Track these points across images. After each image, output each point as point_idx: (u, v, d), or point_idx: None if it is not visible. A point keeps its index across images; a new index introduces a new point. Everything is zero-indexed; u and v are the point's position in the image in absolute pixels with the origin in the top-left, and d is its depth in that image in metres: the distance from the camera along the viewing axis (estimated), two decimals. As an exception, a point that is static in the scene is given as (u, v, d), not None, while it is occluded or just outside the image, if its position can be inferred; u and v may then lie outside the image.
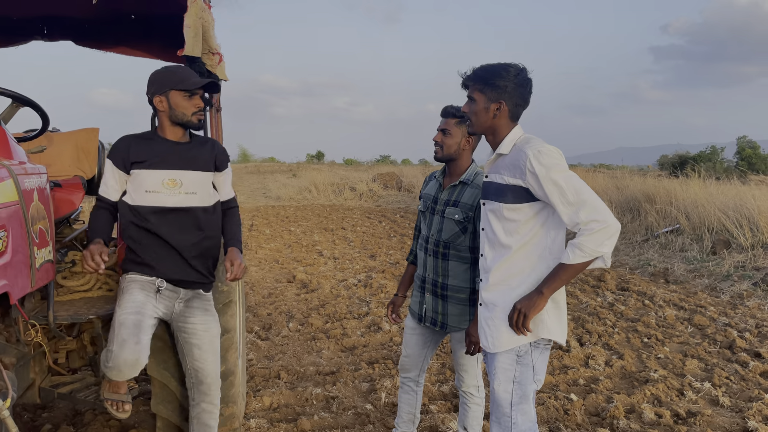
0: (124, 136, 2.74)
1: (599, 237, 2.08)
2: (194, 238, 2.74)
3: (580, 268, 2.15)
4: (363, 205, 19.54)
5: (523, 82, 2.27)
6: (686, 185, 11.22)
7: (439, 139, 2.97)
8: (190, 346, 2.80)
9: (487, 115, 2.30)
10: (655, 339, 5.69)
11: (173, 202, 2.68)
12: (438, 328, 3.05)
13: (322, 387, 4.48)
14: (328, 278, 8.24)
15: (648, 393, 4.34)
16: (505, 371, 2.31)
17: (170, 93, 2.64)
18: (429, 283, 3.04)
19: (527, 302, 2.21)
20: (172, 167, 2.68)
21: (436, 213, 3.01)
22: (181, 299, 2.77)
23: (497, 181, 2.32)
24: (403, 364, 3.27)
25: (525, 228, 2.26)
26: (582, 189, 2.12)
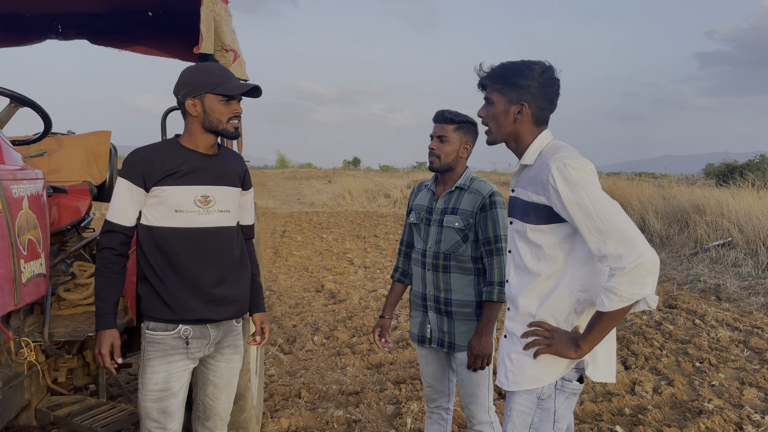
0: (139, 149, 2.32)
1: (634, 277, 1.69)
2: (231, 262, 2.41)
3: (620, 315, 1.76)
4: (397, 212, 19.26)
5: (549, 82, 1.95)
6: (738, 196, 10.59)
7: (436, 147, 2.70)
8: (205, 381, 2.51)
9: (508, 120, 1.97)
10: (708, 363, 5.23)
11: (207, 221, 2.32)
12: (445, 348, 2.76)
13: (344, 409, 4.19)
14: (357, 288, 7.97)
15: (702, 426, 3.91)
16: (521, 415, 1.98)
17: (206, 96, 2.25)
18: (431, 300, 2.77)
19: (560, 348, 1.86)
20: (204, 182, 2.32)
21: (432, 223, 2.76)
22: (211, 344, 2.42)
23: (521, 197, 1.99)
24: (428, 395, 2.96)
25: (552, 253, 1.91)
26: (612, 213, 1.75)
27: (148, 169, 2.25)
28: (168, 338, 2.32)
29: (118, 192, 2.27)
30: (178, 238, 2.29)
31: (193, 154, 2.32)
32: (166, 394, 2.31)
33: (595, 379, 1.92)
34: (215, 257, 2.36)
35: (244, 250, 2.51)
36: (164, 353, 2.31)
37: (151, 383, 2.30)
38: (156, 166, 2.25)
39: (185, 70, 2.34)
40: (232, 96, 2.28)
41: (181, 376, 2.35)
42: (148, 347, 2.32)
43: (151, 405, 2.31)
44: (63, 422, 2.76)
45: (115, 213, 2.27)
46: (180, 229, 2.29)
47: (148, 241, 2.32)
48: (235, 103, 2.31)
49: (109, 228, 2.28)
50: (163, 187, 2.25)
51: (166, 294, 2.30)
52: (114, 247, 2.29)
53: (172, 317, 2.31)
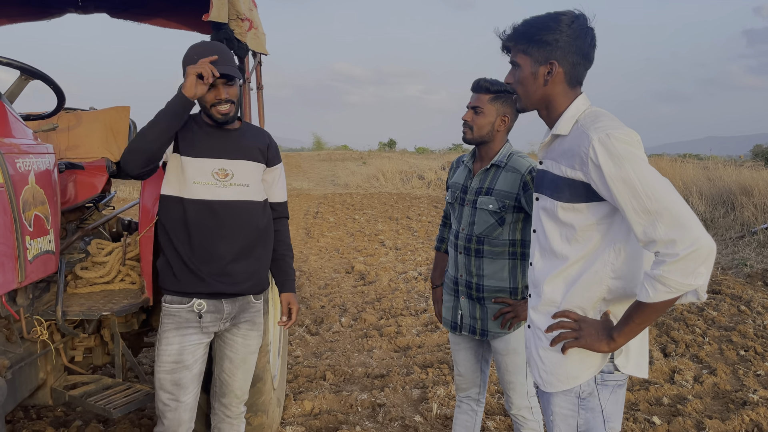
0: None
1: (687, 265, 1.48)
2: (250, 236, 2.37)
3: (663, 307, 1.55)
4: (431, 194, 19.04)
5: (581, 33, 1.70)
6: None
7: (470, 119, 2.51)
8: (222, 355, 2.50)
9: (537, 83, 1.74)
10: (753, 352, 4.95)
11: (226, 194, 2.31)
12: (477, 336, 2.61)
13: (369, 392, 4.09)
14: (388, 270, 7.85)
15: (747, 419, 3.69)
16: (565, 418, 1.76)
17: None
18: (463, 285, 2.60)
19: (590, 341, 1.66)
20: (221, 156, 2.31)
21: (466, 204, 2.57)
22: (225, 318, 2.41)
23: (552, 170, 1.76)
24: (458, 384, 2.82)
25: (584, 235, 1.70)
26: (663, 192, 1.52)
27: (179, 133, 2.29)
28: (182, 311, 2.33)
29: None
30: (195, 209, 2.29)
31: (213, 128, 2.33)
32: (179, 366, 2.33)
33: (625, 371, 1.74)
34: (232, 231, 2.34)
35: (268, 227, 2.47)
36: (178, 326, 2.33)
37: (165, 355, 2.33)
38: (182, 131, 2.29)
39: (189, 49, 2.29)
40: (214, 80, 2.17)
41: (194, 350, 2.35)
42: (164, 319, 2.35)
43: (164, 376, 2.34)
44: (78, 402, 2.72)
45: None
46: (198, 200, 2.29)
47: (167, 211, 2.33)
48: (221, 87, 2.22)
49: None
50: (184, 157, 2.28)
51: (181, 267, 2.31)
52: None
53: (186, 290, 2.32)
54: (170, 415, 2.36)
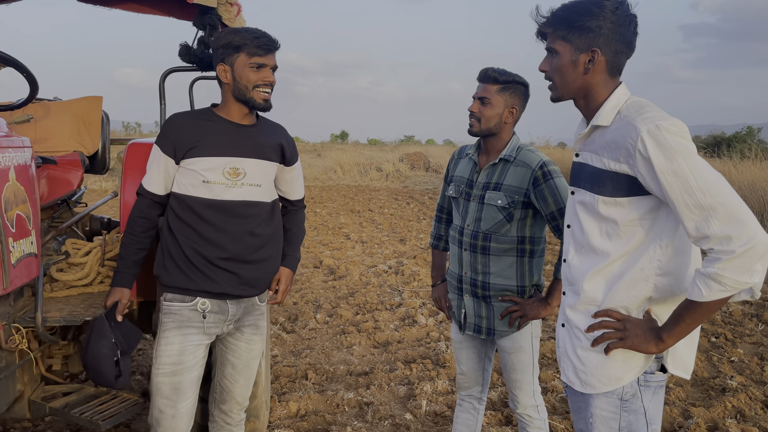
0: (177, 115, 2.26)
1: (743, 262, 1.42)
2: (259, 238, 2.27)
3: (716, 306, 1.49)
4: (390, 186, 19.00)
5: (625, 20, 1.63)
6: (741, 167, 10.44)
7: (476, 110, 2.42)
8: (224, 361, 2.38)
9: (576, 72, 1.67)
10: (724, 339, 5.09)
11: (235, 194, 2.20)
12: (483, 335, 2.53)
13: (355, 390, 3.99)
14: (357, 264, 7.75)
15: (729, 405, 3.77)
16: (606, 421, 1.69)
17: (236, 61, 2.14)
18: (467, 283, 2.51)
19: (637, 341, 1.60)
20: (234, 154, 2.19)
21: (472, 199, 2.48)
22: (229, 321, 2.29)
23: (593, 163, 1.69)
24: (460, 383, 2.75)
25: (627, 231, 1.64)
26: (718, 186, 1.46)
27: (179, 139, 2.18)
28: (185, 309, 2.21)
29: (151, 158, 2.24)
30: (204, 209, 2.18)
31: (226, 124, 2.22)
32: (179, 368, 2.20)
33: (672, 371, 1.68)
34: (241, 231, 2.23)
35: (278, 228, 2.36)
36: (180, 324, 2.21)
37: (165, 355, 2.20)
38: (186, 136, 2.17)
39: (219, 33, 2.22)
40: (261, 63, 2.14)
41: (195, 351, 2.23)
42: (164, 318, 2.23)
43: (163, 380, 2.21)
44: (60, 414, 2.53)
45: (146, 178, 2.25)
46: (207, 200, 2.18)
47: (175, 209, 2.22)
48: (266, 70, 2.16)
49: (139, 191, 2.27)
50: (192, 159, 2.16)
51: (187, 264, 2.20)
52: (140, 209, 2.26)
53: (191, 287, 2.20)
54: (166, 424, 2.22)
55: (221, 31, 2.21)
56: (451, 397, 3.89)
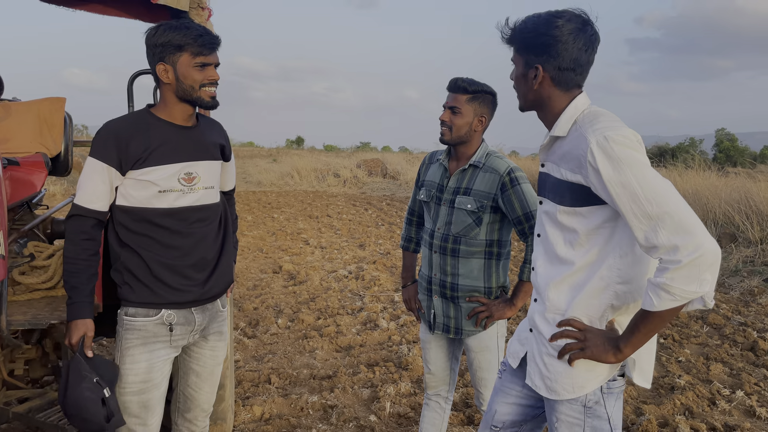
0: (110, 125, 2.06)
1: (691, 272, 1.44)
2: (216, 239, 2.22)
3: (670, 315, 1.52)
4: (347, 192, 19.02)
5: (575, 36, 1.65)
6: (685, 176, 10.90)
7: (447, 119, 2.51)
8: (187, 369, 2.32)
9: (527, 85, 1.73)
10: (672, 340, 5.32)
11: (192, 200, 2.12)
12: (452, 334, 2.62)
13: (319, 394, 4.02)
14: (317, 269, 7.76)
15: (678, 403, 3.95)
16: (570, 426, 1.74)
17: (178, 60, 2.02)
18: (437, 285, 2.60)
19: (596, 351, 1.65)
20: (186, 158, 2.09)
21: (443, 203, 2.57)
22: (196, 330, 2.22)
23: (554, 174, 1.74)
24: (428, 382, 2.82)
25: (588, 240, 1.67)
26: (665, 195, 1.49)
27: (124, 149, 2.02)
28: (149, 324, 2.11)
29: (89, 173, 2.03)
30: (160, 219, 2.08)
31: (170, 127, 2.10)
32: (147, 385, 2.12)
33: (637, 382, 1.73)
34: (200, 236, 2.17)
35: (228, 226, 2.33)
36: (145, 341, 2.11)
37: (131, 374, 2.10)
38: (132, 145, 2.02)
39: (154, 29, 2.06)
40: (205, 62, 2.04)
41: (162, 367, 2.16)
42: (126, 335, 2.11)
43: (130, 399, 2.11)
44: (23, 419, 2.48)
45: (85, 196, 2.03)
46: (164, 209, 2.08)
47: (125, 222, 2.09)
48: (211, 68, 2.08)
49: (78, 212, 2.04)
50: (143, 169, 2.03)
51: (146, 276, 2.09)
52: (84, 231, 2.04)
53: (155, 300, 2.10)
54: None
55: (156, 27, 2.06)
56: (415, 398, 3.96)
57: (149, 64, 2.09)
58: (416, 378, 4.31)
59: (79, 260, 2.03)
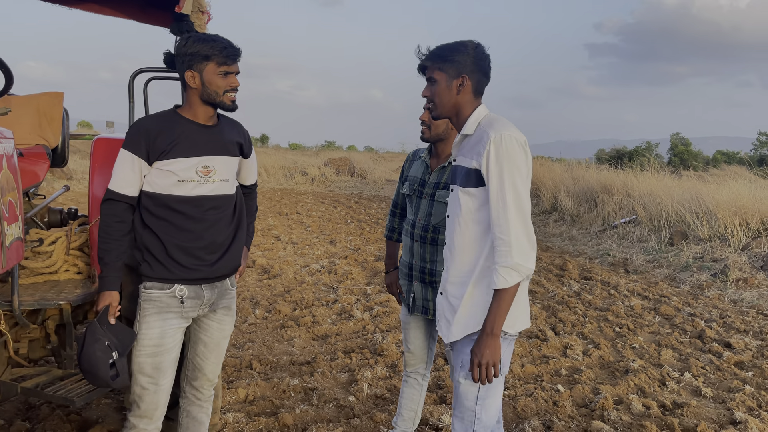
0: (141, 121, 2.38)
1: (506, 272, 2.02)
2: (228, 226, 2.49)
3: (513, 291, 2.05)
4: (315, 190, 19.18)
5: (482, 56, 2.18)
6: (641, 177, 11.44)
7: (427, 119, 2.79)
8: (196, 339, 2.58)
9: (451, 93, 2.17)
10: (626, 329, 5.70)
11: (208, 190, 2.40)
12: (430, 316, 2.88)
13: (299, 378, 4.24)
14: (290, 264, 7.95)
15: (631, 384, 4.30)
16: (467, 365, 2.18)
17: (205, 68, 2.30)
18: (417, 271, 2.86)
19: (488, 351, 2.06)
20: (205, 153, 2.38)
21: (424, 196, 2.84)
22: (205, 304, 2.50)
23: (463, 164, 2.19)
24: (408, 361, 3.07)
25: (478, 215, 2.14)
26: (515, 202, 2.02)
27: (151, 143, 2.32)
28: (164, 296, 2.39)
29: (120, 163, 2.34)
30: (180, 204, 2.37)
31: (193, 125, 2.39)
32: (160, 349, 2.39)
33: (518, 329, 2.20)
34: (212, 222, 2.44)
35: (241, 214, 2.59)
36: (159, 310, 2.39)
37: (146, 338, 2.38)
38: (159, 139, 2.32)
39: (184, 40, 2.35)
40: (228, 71, 2.33)
41: (174, 334, 2.43)
42: (144, 305, 2.40)
43: (145, 360, 2.39)
44: (32, 393, 2.65)
45: (118, 182, 2.35)
46: (182, 196, 2.36)
47: (148, 206, 2.38)
48: (233, 76, 2.37)
49: (111, 197, 2.35)
50: (167, 161, 2.32)
51: (162, 255, 2.37)
52: (116, 213, 2.35)
53: (169, 276, 2.38)
54: (148, 399, 2.40)
55: (186, 38, 2.35)
56: (390, 381, 4.21)
57: (178, 71, 2.36)
58: (391, 363, 4.57)
59: (111, 240, 2.33)
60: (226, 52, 2.32)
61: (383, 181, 21.30)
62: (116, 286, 2.35)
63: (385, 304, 6.12)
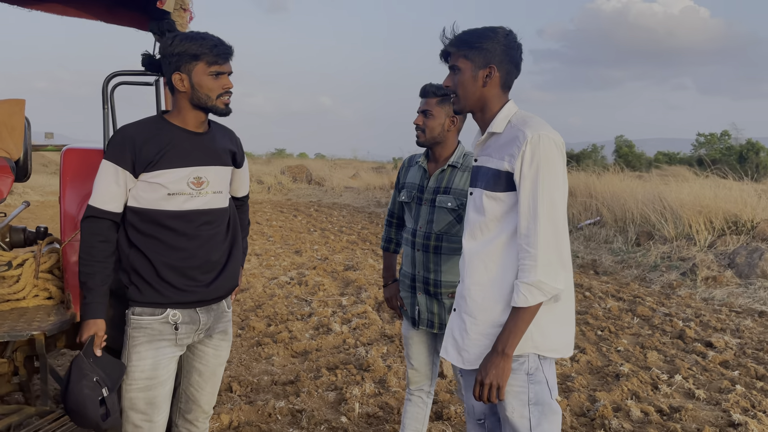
0: (125, 129, 2.13)
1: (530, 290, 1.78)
2: (223, 242, 2.25)
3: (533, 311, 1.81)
4: (273, 199, 18.80)
5: (514, 45, 1.94)
6: (603, 178, 11.59)
7: (421, 122, 2.66)
8: (190, 368, 2.34)
9: (476, 85, 1.93)
10: (608, 331, 5.67)
11: (200, 203, 2.17)
12: (436, 330, 2.72)
13: (285, 399, 4.00)
14: (257, 277, 7.66)
15: (626, 389, 4.23)
16: (516, 395, 1.91)
17: (194, 69, 2.08)
18: (420, 282, 2.70)
19: (494, 371, 1.84)
20: (196, 163, 2.15)
21: (423, 203, 2.69)
22: (200, 330, 2.26)
23: (487, 165, 1.96)
24: (411, 378, 2.89)
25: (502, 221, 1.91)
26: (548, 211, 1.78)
27: (137, 152, 2.08)
28: (155, 323, 2.16)
29: (103, 175, 2.10)
30: (169, 220, 2.13)
31: (183, 132, 2.16)
32: (153, 382, 2.16)
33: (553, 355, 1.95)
34: (206, 238, 2.21)
35: (236, 227, 2.36)
36: (151, 338, 2.15)
37: (138, 371, 2.14)
38: (145, 148, 2.08)
39: (170, 39, 2.11)
40: (220, 71, 2.11)
41: (168, 364, 2.20)
42: (133, 333, 2.15)
43: (137, 395, 2.15)
44: (3, 438, 2.35)
45: (99, 197, 2.10)
46: (172, 211, 2.13)
47: (135, 223, 2.14)
48: (225, 77, 2.15)
49: (93, 213, 2.10)
50: (155, 172, 2.09)
51: (152, 277, 2.14)
52: (99, 232, 2.10)
53: (160, 300, 2.15)
54: None
55: (172, 37, 2.12)
56: (381, 398, 4.02)
57: (164, 74, 2.12)
58: (378, 378, 4.38)
59: (95, 262, 2.08)
60: (217, 50, 2.09)
61: (342, 188, 21.05)
62: (102, 313, 2.10)
63: (363, 316, 5.92)
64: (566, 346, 1.95)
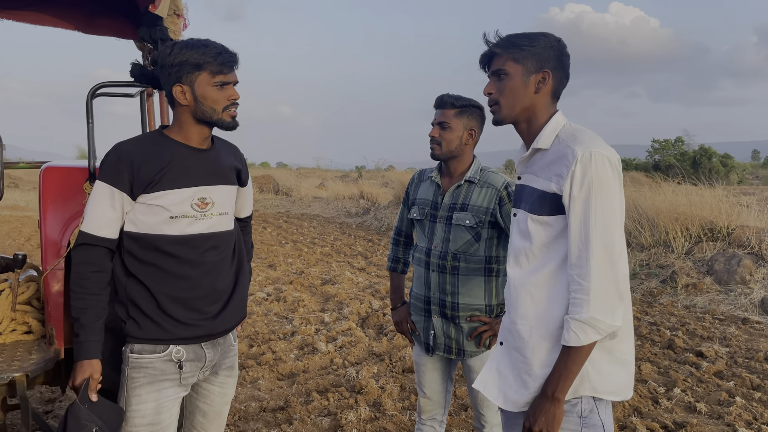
0: (121, 146, 1.93)
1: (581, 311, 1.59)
2: (229, 269, 2.06)
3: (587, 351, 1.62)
4: (239, 211, 18.41)
5: (566, 52, 1.78)
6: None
7: (437, 134, 2.50)
8: (194, 408, 2.14)
9: (527, 92, 1.74)
10: (598, 343, 5.59)
11: (204, 227, 1.97)
12: (453, 355, 2.57)
13: (277, 428, 3.78)
14: (233, 293, 7.38)
15: (626, 405, 4.14)
16: None
17: (197, 80, 1.89)
18: (436, 305, 2.54)
19: (543, 419, 1.66)
20: (200, 182, 1.96)
21: (438, 220, 2.53)
22: (206, 367, 2.05)
23: (531, 184, 1.78)
24: (423, 407, 2.72)
25: (552, 248, 1.72)
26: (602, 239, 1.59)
27: (135, 172, 1.88)
28: (157, 361, 1.95)
29: (98, 198, 1.88)
30: (170, 246, 1.92)
31: (185, 149, 1.96)
32: (156, 428, 1.95)
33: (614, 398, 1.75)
34: (212, 265, 2.01)
35: (242, 251, 2.17)
36: (152, 379, 1.94)
37: (139, 416, 1.93)
38: (144, 167, 1.88)
39: (169, 48, 1.91)
40: (225, 81, 1.92)
41: (171, 407, 1.99)
42: (132, 374, 1.93)
43: None
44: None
45: (93, 222, 1.89)
46: (175, 236, 1.92)
47: (133, 250, 1.93)
48: (231, 87, 1.95)
49: (86, 241, 1.88)
50: (155, 193, 1.89)
51: (153, 310, 1.93)
52: (93, 262, 1.88)
53: (163, 336, 1.94)
54: None
55: (170, 46, 1.94)
56: (378, 423, 3.83)
57: (164, 86, 1.93)
58: (372, 401, 4.19)
59: (88, 295, 1.87)
60: (221, 58, 1.91)
61: (310, 198, 20.75)
62: (97, 352, 1.88)
63: (348, 333, 5.72)
64: (626, 388, 1.75)
